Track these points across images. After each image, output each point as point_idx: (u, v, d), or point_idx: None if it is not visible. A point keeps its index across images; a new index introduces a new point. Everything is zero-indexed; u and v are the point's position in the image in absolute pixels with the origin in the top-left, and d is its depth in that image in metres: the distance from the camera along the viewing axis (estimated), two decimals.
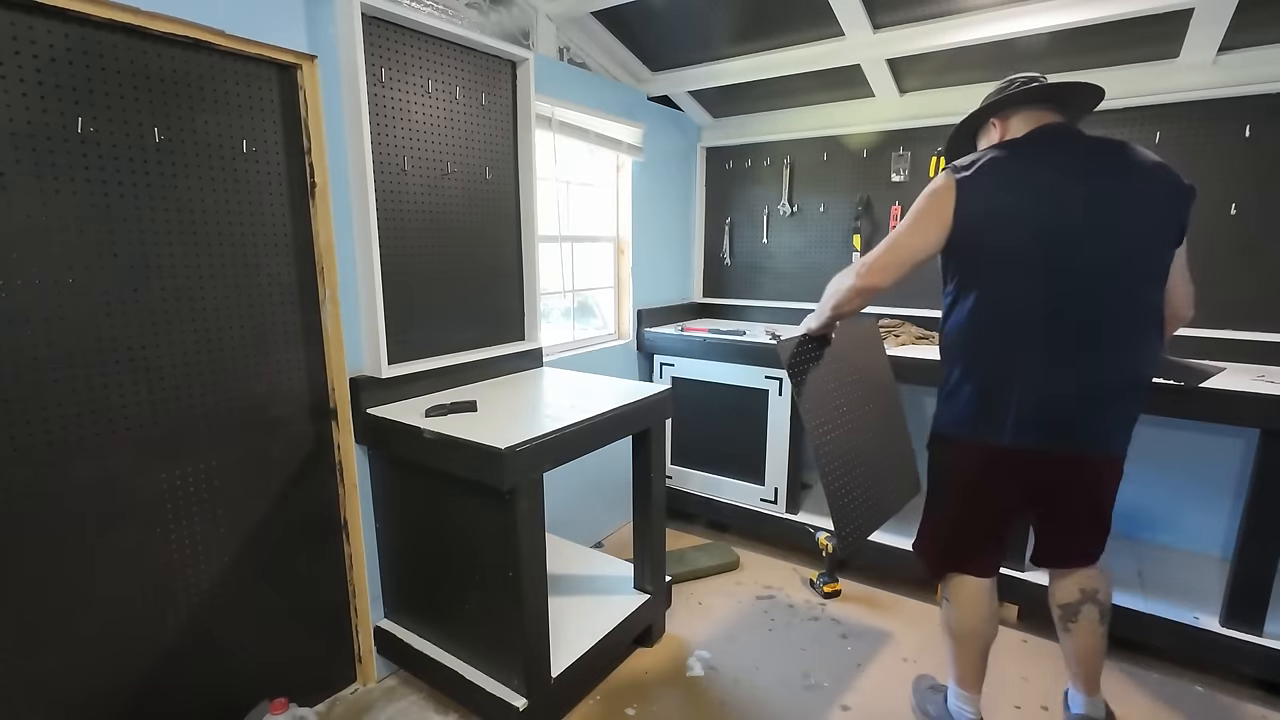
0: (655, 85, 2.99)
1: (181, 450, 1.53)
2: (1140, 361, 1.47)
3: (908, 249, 1.51)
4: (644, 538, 2.14)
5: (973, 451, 1.55)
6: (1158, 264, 1.43)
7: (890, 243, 1.53)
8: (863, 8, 2.28)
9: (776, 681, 2.03)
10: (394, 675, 2.03)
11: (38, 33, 1.24)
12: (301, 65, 1.64)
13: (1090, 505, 1.62)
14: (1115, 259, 1.39)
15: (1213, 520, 2.43)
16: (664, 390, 2.07)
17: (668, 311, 3.26)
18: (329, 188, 1.71)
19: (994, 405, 1.49)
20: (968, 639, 1.67)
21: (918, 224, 1.49)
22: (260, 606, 1.73)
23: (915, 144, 2.78)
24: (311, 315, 1.76)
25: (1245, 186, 2.20)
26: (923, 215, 1.48)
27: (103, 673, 1.44)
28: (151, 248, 1.43)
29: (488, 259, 2.17)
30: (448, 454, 1.63)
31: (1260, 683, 1.98)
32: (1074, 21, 2.08)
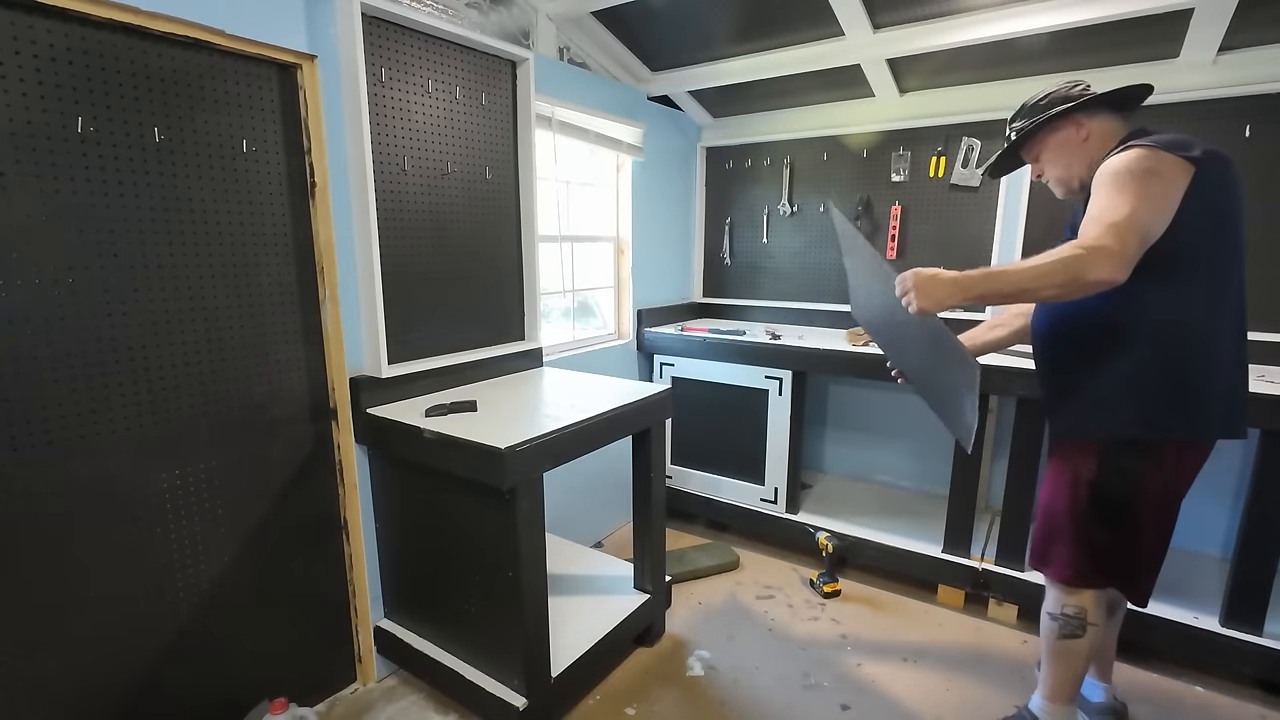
0: (655, 85, 2.99)
1: (181, 450, 1.53)
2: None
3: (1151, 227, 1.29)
4: (644, 538, 2.14)
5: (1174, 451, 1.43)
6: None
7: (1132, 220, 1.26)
8: (863, 8, 2.28)
9: (776, 681, 2.03)
10: (394, 675, 2.03)
11: (38, 32, 1.24)
12: (301, 65, 1.64)
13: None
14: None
15: (1213, 520, 2.44)
16: (664, 390, 2.07)
17: (668, 311, 3.26)
18: (329, 187, 1.71)
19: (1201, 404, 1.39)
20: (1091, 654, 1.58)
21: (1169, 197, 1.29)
22: (260, 606, 1.73)
23: (915, 144, 2.78)
24: (311, 315, 1.76)
25: (1245, 186, 2.19)
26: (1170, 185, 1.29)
27: (102, 673, 1.44)
28: (151, 248, 1.43)
29: (488, 259, 2.17)
30: (448, 454, 1.63)
31: (1260, 683, 1.98)
32: (1074, 21, 2.08)
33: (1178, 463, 1.45)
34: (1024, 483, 2.23)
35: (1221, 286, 1.40)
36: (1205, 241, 1.36)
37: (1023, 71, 2.50)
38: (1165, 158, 1.30)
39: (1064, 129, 1.50)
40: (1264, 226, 2.18)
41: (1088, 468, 1.47)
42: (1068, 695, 1.59)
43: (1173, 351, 1.38)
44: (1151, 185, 1.28)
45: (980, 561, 2.36)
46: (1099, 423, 1.44)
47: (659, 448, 2.10)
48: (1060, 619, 1.56)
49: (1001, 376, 2.18)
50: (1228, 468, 2.38)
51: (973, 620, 2.34)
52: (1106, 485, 1.45)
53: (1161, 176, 1.29)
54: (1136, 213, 1.26)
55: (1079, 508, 1.49)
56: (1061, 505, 1.52)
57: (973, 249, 2.70)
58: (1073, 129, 1.49)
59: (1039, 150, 1.56)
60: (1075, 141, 1.49)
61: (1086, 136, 1.48)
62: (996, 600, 2.34)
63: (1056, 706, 1.60)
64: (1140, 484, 1.44)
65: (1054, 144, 1.52)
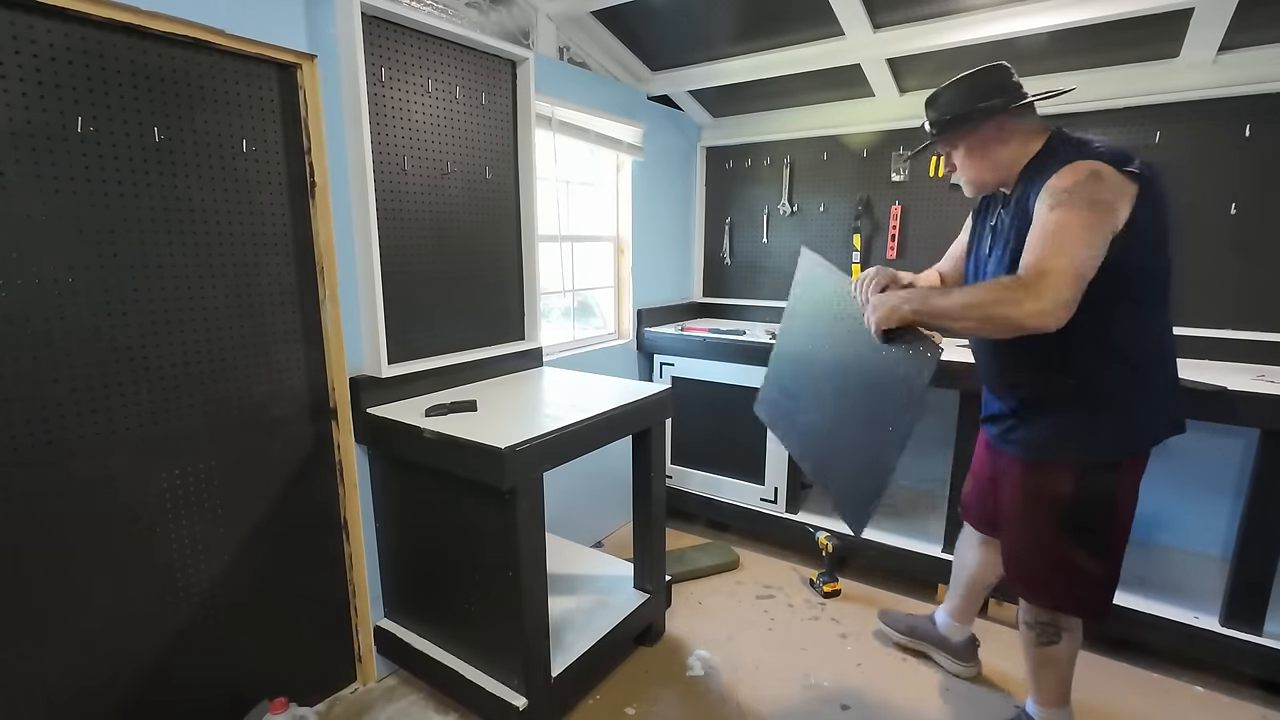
0: (655, 85, 2.99)
1: (181, 450, 1.53)
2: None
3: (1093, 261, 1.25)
4: (644, 537, 2.14)
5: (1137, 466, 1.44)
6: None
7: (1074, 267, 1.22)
8: (863, 7, 2.28)
9: (776, 681, 2.02)
10: (394, 675, 2.03)
11: (37, 32, 1.24)
12: (301, 65, 1.64)
13: None
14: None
15: (1213, 520, 2.43)
16: (664, 390, 2.07)
17: (668, 311, 3.26)
18: (329, 187, 1.71)
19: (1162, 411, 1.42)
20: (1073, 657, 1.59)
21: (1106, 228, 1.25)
22: (260, 606, 1.73)
23: (915, 143, 2.77)
24: (311, 315, 1.76)
25: (1245, 186, 2.20)
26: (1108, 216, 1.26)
27: (102, 672, 1.44)
28: (151, 247, 1.43)
29: (488, 258, 2.17)
30: (448, 454, 1.63)
31: (1260, 682, 1.98)
32: (1073, 21, 2.08)
33: (1140, 471, 1.45)
34: None
35: (1166, 296, 1.41)
36: (1154, 256, 1.36)
37: (1023, 71, 2.46)
38: (1112, 177, 1.26)
39: (985, 128, 1.44)
40: (1265, 226, 2.19)
41: (1063, 489, 1.43)
42: (1060, 698, 1.61)
43: (1139, 367, 1.38)
44: (1097, 216, 1.24)
45: None
46: (1077, 447, 1.42)
47: (659, 447, 2.10)
48: (1036, 627, 1.57)
49: None
50: (1228, 468, 2.38)
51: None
52: (1084, 506, 1.43)
53: (1108, 206, 1.25)
54: (1078, 259, 1.22)
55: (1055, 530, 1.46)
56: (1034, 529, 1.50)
57: None
58: (994, 128, 1.43)
59: (959, 142, 1.50)
60: (994, 142, 1.44)
61: (1007, 140, 1.44)
62: (996, 600, 2.34)
63: (1052, 711, 1.62)
64: (1115, 501, 1.42)
65: (972, 142, 1.47)
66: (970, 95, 1.44)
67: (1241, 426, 2.05)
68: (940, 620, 2.05)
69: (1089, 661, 2.10)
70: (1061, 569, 1.48)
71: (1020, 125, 1.43)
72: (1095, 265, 1.24)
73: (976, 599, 1.97)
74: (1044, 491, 1.46)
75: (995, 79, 1.43)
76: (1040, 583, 1.53)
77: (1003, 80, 1.43)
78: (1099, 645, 2.18)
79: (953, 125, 1.47)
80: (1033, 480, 1.48)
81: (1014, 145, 1.43)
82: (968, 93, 1.44)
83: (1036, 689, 1.63)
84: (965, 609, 1.99)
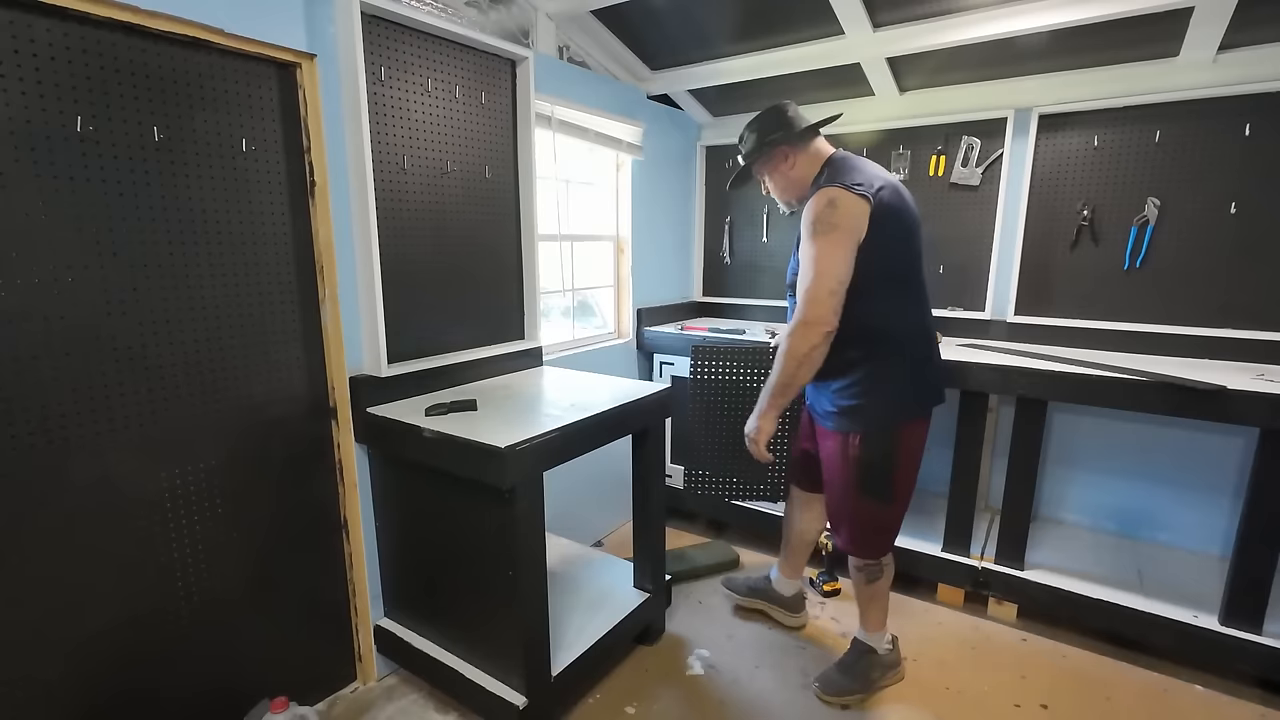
0: (655, 84, 2.99)
1: (181, 449, 1.53)
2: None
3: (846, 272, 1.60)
4: (644, 537, 2.15)
5: (911, 432, 1.76)
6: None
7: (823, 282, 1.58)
8: (863, 7, 2.28)
9: (776, 680, 2.03)
10: (394, 674, 2.04)
11: (37, 31, 1.23)
12: (301, 64, 1.64)
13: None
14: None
15: (1212, 519, 2.44)
16: (664, 389, 2.07)
17: (667, 310, 3.26)
18: (329, 187, 1.71)
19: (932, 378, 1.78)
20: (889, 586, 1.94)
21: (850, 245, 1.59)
22: (260, 605, 1.73)
23: (915, 143, 2.78)
24: (311, 314, 1.76)
25: (1245, 185, 2.20)
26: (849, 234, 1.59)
27: (103, 672, 1.44)
28: (151, 247, 1.43)
29: (487, 258, 2.17)
30: (448, 453, 1.63)
31: (1260, 681, 1.98)
32: (1073, 20, 2.08)
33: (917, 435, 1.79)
34: (1024, 482, 2.23)
35: (920, 287, 1.75)
36: (902, 255, 1.68)
37: (1023, 70, 2.51)
38: (845, 200, 1.59)
39: (775, 158, 1.79)
40: (1264, 225, 2.19)
41: (855, 453, 1.75)
42: (883, 623, 1.97)
43: (898, 349, 1.71)
44: (831, 239, 1.58)
45: (980, 560, 2.36)
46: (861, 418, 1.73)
47: (659, 447, 2.10)
48: (865, 569, 1.89)
49: (1001, 376, 2.19)
50: (1227, 467, 2.38)
51: (972, 619, 2.34)
52: (871, 466, 1.75)
53: (845, 226, 1.58)
54: (822, 271, 1.58)
55: (854, 487, 1.78)
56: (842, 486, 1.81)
57: (972, 247, 2.70)
58: (781, 158, 1.78)
59: (762, 171, 1.86)
60: (785, 168, 1.79)
61: (793, 164, 1.78)
62: (996, 599, 2.34)
63: (879, 633, 1.97)
64: (895, 461, 1.75)
65: (770, 170, 1.83)
66: (760, 132, 1.78)
67: (1241, 426, 2.06)
68: (774, 578, 2.31)
69: (1089, 660, 2.11)
70: (859, 518, 1.82)
71: (804, 152, 1.77)
72: (848, 271, 1.59)
73: (803, 554, 2.26)
74: (845, 455, 1.78)
75: (776, 116, 1.77)
76: (849, 530, 1.86)
77: (781, 117, 1.76)
78: (1099, 645, 2.18)
79: (750, 158, 1.83)
80: (837, 447, 1.80)
81: (800, 168, 1.77)
82: (757, 130, 1.79)
83: (866, 618, 1.96)
84: (793, 564, 2.27)
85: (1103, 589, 2.16)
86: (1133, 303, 2.43)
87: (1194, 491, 2.46)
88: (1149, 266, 2.39)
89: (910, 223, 1.69)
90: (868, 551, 1.87)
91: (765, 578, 2.35)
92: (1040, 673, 2.05)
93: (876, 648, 1.96)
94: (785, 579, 2.29)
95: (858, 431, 1.73)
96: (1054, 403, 2.44)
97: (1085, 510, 2.68)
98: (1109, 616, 2.12)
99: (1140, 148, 2.35)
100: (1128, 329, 2.43)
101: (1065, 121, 2.47)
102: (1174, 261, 2.34)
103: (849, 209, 1.59)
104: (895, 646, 2.01)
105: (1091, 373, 2.07)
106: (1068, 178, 2.49)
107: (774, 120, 1.76)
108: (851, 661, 1.97)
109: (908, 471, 1.79)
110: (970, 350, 2.46)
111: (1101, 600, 2.12)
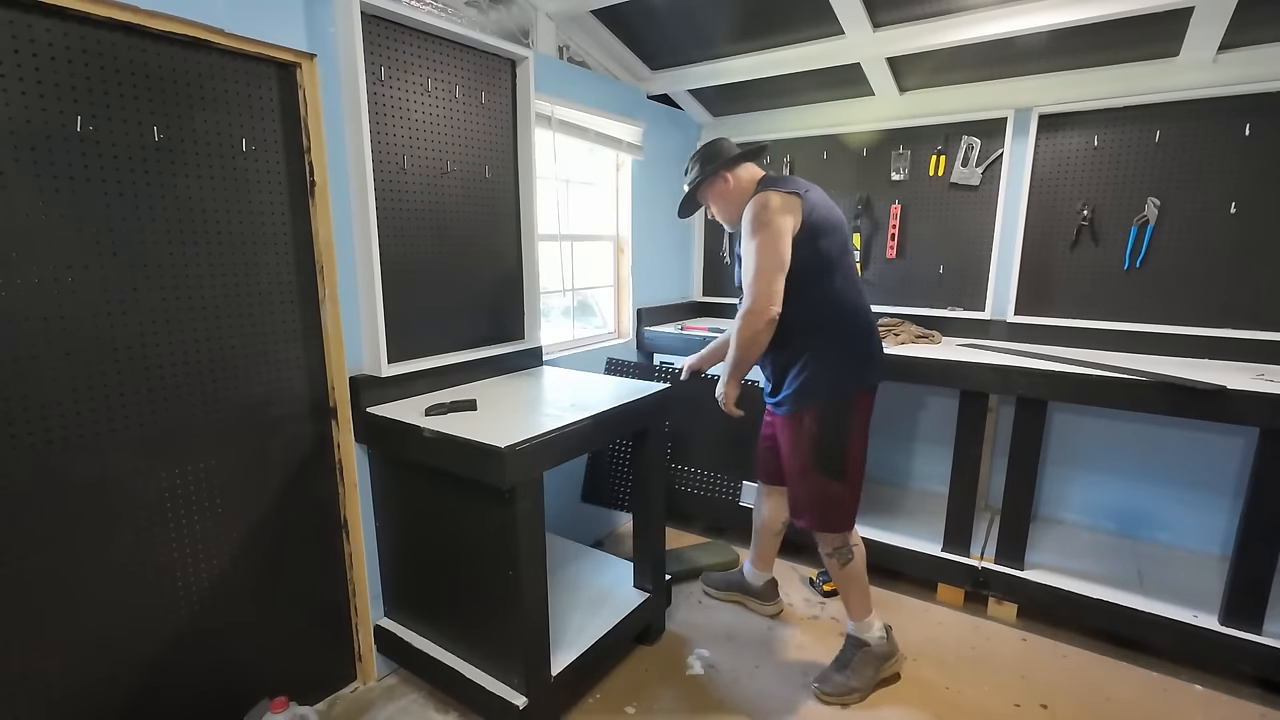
0: (655, 84, 2.99)
1: (181, 449, 1.53)
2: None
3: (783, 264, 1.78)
4: (644, 537, 2.14)
5: (857, 407, 1.89)
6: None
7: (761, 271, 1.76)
8: (863, 6, 2.28)
9: (776, 680, 2.03)
10: (394, 674, 2.04)
11: (37, 31, 1.23)
12: (301, 64, 1.64)
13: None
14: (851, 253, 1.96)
15: (1212, 519, 2.44)
16: (664, 389, 2.07)
17: (668, 310, 3.26)
18: (329, 186, 1.71)
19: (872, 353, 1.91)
20: (864, 569, 1.99)
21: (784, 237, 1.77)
22: (260, 605, 1.73)
23: (915, 143, 2.78)
24: (311, 314, 1.76)
25: (1245, 185, 2.20)
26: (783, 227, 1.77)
27: (102, 671, 1.44)
28: (151, 246, 1.43)
29: (487, 257, 2.17)
30: (448, 453, 1.63)
31: (1260, 681, 1.98)
32: (1073, 20, 2.08)
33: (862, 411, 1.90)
34: (1024, 482, 2.23)
35: (851, 272, 1.90)
36: (831, 247, 1.83)
37: (1023, 70, 2.51)
38: (776, 199, 1.78)
39: (718, 182, 1.96)
40: (1264, 225, 2.19)
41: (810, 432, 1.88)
42: (868, 607, 2.00)
43: (835, 332, 1.86)
44: (768, 233, 1.76)
45: (980, 560, 2.36)
46: (810, 399, 1.87)
47: (659, 447, 2.10)
48: (835, 554, 1.96)
49: (1001, 376, 2.19)
50: (1227, 467, 2.38)
51: (972, 619, 2.34)
52: (825, 443, 1.87)
53: (778, 221, 1.76)
54: (762, 263, 1.76)
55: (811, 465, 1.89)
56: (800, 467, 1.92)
57: (972, 247, 2.70)
58: (723, 181, 1.95)
59: (705, 196, 2.03)
60: (727, 190, 1.96)
61: (732, 185, 1.95)
62: (996, 599, 2.34)
63: (864, 620, 2.00)
64: (846, 435, 1.87)
65: (714, 193, 2.00)
66: (703, 162, 1.98)
67: (1241, 425, 2.06)
68: (747, 571, 2.42)
69: (1089, 660, 2.11)
70: (816, 495, 1.91)
71: (740, 177, 1.95)
72: (786, 259, 1.76)
73: (771, 545, 2.36)
74: (800, 435, 1.90)
75: (716, 148, 1.98)
76: (809, 509, 1.94)
77: (721, 148, 1.98)
78: (1099, 645, 2.18)
79: (695, 184, 2.00)
80: (792, 429, 1.92)
81: (739, 188, 1.94)
82: (700, 162, 1.99)
83: (850, 606, 2.01)
84: (764, 556, 2.38)
85: (1103, 589, 2.16)
86: (1133, 303, 2.43)
87: (1194, 491, 2.46)
88: (1149, 266, 2.39)
89: (836, 219, 1.88)
90: (829, 525, 1.93)
91: (739, 572, 2.47)
92: (1040, 673, 2.05)
93: (869, 640, 1.98)
94: (757, 571, 2.40)
95: (813, 409, 1.86)
96: (1054, 403, 2.44)
97: (1085, 510, 2.68)
98: (1109, 616, 2.12)
99: (1140, 148, 2.35)
100: (1128, 329, 2.43)
101: (1065, 121, 2.47)
102: (1174, 261, 2.34)
103: (780, 206, 1.78)
104: (889, 636, 2.01)
105: (1091, 373, 2.07)
106: (1068, 178, 2.49)
107: (714, 150, 1.98)
108: (847, 658, 1.99)
109: (858, 445, 1.90)
110: (970, 350, 2.46)
111: (1101, 600, 2.12)
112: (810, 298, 1.82)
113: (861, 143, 2.90)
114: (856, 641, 1.99)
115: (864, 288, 1.97)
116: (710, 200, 2.04)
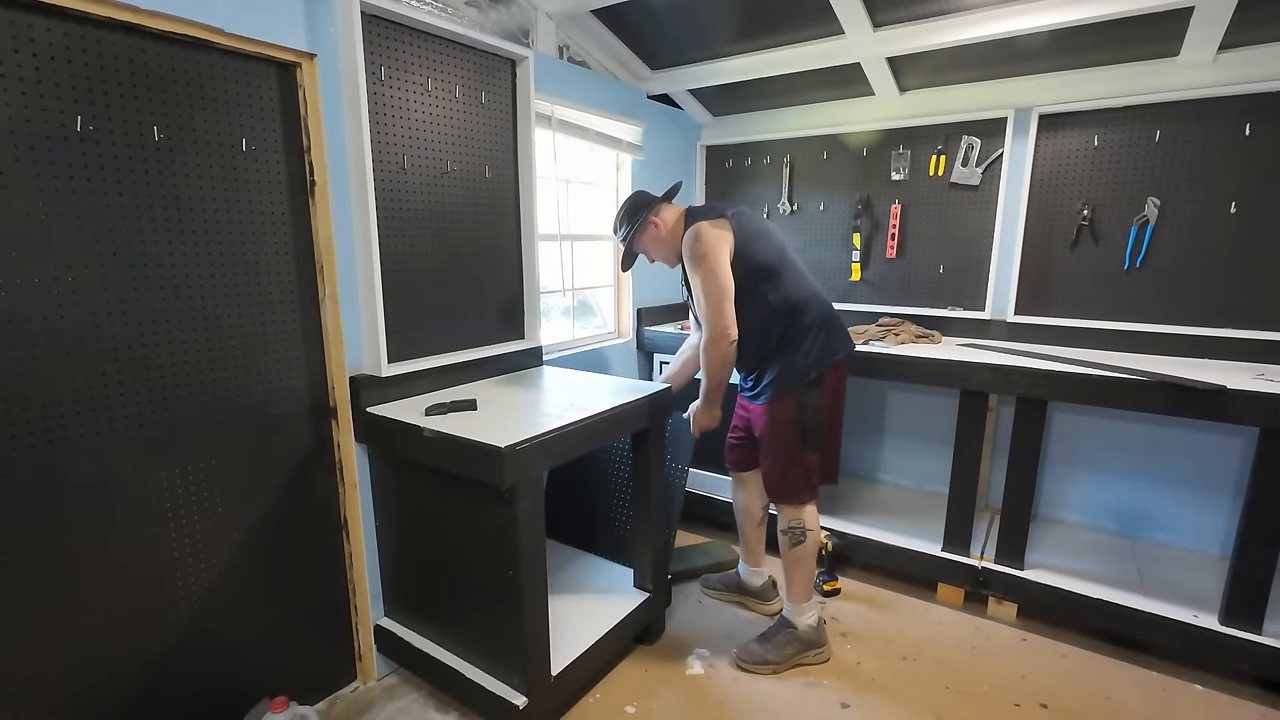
0: (655, 84, 2.99)
1: (181, 448, 1.53)
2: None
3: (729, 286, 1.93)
4: (644, 537, 2.15)
5: (838, 369, 2.03)
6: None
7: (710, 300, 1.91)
8: (863, 6, 2.28)
9: (776, 680, 2.03)
10: (394, 673, 2.04)
11: (37, 31, 1.23)
12: (301, 64, 1.64)
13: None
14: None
15: (1212, 519, 2.44)
16: (664, 389, 2.07)
17: (668, 310, 3.26)
18: (329, 186, 1.71)
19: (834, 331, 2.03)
20: (814, 554, 2.12)
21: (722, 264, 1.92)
22: (260, 605, 1.73)
23: (915, 142, 2.78)
24: (311, 314, 1.76)
25: (1245, 185, 2.20)
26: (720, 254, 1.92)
27: (103, 671, 1.44)
28: (151, 246, 1.43)
29: (487, 257, 2.17)
30: (448, 452, 1.63)
31: (1260, 681, 1.98)
32: (1073, 20, 2.08)
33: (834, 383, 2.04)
34: (1024, 482, 2.23)
35: (796, 271, 2.04)
36: (769, 249, 1.99)
37: (1023, 70, 2.51)
38: (706, 229, 1.93)
39: (648, 229, 2.10)
40: (1264, 224, 2.19)
41: (792, 411, 1.99)
42: (808, 593, 2.11)
43: (804, 322, 1.99)
44: (707, 264, 1.90)
45: (980, 560, 2.36)
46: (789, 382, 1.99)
47: (659, 447, 2.10)
48: (790, 532, 2.07)
49: (1001, 376, 2.19)
50: (1227, 467, 2.38)
51: (972, 618, 2.34)
52: (806, 418, 1.99)
53: (715, 251, 1.90)
54: (709, 293, 1.91)
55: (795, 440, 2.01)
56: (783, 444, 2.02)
57: (972, 247, 2.70)
58: (652, 226, 2.09)
59: (641, 245, 2.15)
60: (658, 234, 2.10)
61: (661, 228, 2.09)
62: (996, 598, 2.34)
63: (802, 605, 2.10)
64: (822, 407, 2.00)
65: (647, 240, 2.13)
66: (630, 214, 2.11)
67: (1241, 426, 2.06)
68: (743, 571, 2.46)
69: (1089, 660, 2.11)
70: (798, 467, 2.03)
71: (665, 219, 2.09)
72: (729, 284, 1.91)
73: (757, 536, 2.40)
74: (783, 416, 2.01)
75: (637, 201, 2.12)
76: (788, 484, 2.05)
77: (641, 200, 2.12)
78: (1099, 644, 2.18)
79: (629, 237, 2.11)
80: (775, 412, 2.02)
81: (667, 230, 2.09)
82: (628, 213, 2.11)
83: (792, 589, 2.11)
84: (753, 552, 2.41)
85: (1102, 588, 2.16)
86: (1133, 302, 2.43)
87: (1194, 491, 2.46)
88: (1149, 266, 2.39)
89: (766, 225, 2.07)
90: (795, 496, 2.05)
91: (736, 573, 2.49)
92: (1040, 673, 2.05)
93: (798, 625, 2.08)
94: (751, 569, 2.43)
95: (791, 395, 1.98)
96: (1054, 402, 2.44)
97: (1085, 510, 2.68)
98: (1109, 616, 2.12)
99: (1140, 148, 2.35)
100: (1128, 329, 2.43)
101: (1065, 121, 2.47)
102: (1174, 261, 2.34)
103: (711, 234, 1.92)
104: (820, 628, 2.12)
105: (1091, 372, 2.07)
106: (1068, 177, 2.49)
107: (637, 202, 2.12)
108: (772, 634, 2.10)
109: (836, 413, 2.07)
110: (970, 350, 2.46)
111: (1101, 600, 2.12)
112: (766, 305, 1.97)
113: (862, 142, 2.90)
114: (786, 623, 2.10)
115: (812, 275, 2.10)
116: (647, 248, 2.16)
